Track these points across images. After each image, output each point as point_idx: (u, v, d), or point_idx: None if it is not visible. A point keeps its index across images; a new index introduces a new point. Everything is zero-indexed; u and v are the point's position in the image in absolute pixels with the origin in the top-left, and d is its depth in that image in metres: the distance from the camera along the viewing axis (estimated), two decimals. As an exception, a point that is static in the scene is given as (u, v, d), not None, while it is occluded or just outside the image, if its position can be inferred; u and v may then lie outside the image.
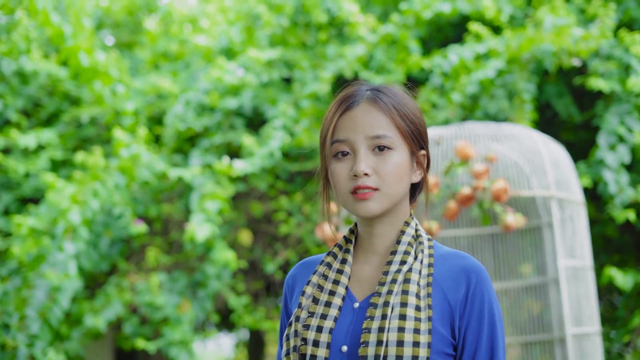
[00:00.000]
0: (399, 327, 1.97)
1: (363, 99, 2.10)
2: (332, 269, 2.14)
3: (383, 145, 2.06)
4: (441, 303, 2.04)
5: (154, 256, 7.14)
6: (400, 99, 2.12)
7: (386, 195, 2.06)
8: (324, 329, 2.03)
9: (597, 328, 5.21)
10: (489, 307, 2.05)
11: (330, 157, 2.11)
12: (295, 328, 2.07)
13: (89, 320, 6.67)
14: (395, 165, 2.06)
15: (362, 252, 2.16)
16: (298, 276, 2.23)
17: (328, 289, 2.10)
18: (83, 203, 6.53)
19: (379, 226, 2.13)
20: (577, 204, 5.21)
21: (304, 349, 2.02)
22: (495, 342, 2.05)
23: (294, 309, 2.18)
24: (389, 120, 2.08)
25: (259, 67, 7.30)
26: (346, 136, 2.07)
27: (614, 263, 6.98)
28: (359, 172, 2.03)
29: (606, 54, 6.42)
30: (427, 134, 2.17)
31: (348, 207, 2.09)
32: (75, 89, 7.81)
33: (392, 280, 2.03)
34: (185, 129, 7.32)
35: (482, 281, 2.06)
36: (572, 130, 7.11)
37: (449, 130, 5.10)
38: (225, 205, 6.70)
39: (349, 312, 2.06)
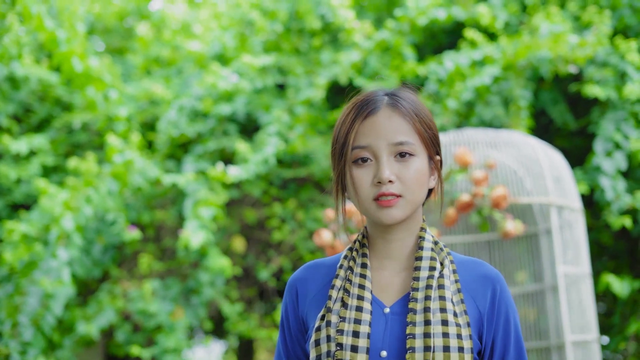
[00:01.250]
0: (443, 333, 1.98)
1: (383, 104, 2.09)
2: (354, 274, 2.12)
3: (405, 152, 2.05)
4: (472, 309, 2.07)
5: (147, 263, 7.10)
6: (417, 104, 2.12)
7: (409, 202, 2.06)
8: (360, 333, 2.00)
9: (595, 335, 5.20)
10: (513, 315, 2.12)
11: (349, 163, 2.08)
12: (328, 333, 2.03)
13: (81, 327, 6.62)
14: (417, 171, 2.06)
15: (376, 257, 2.15)
16: (307, 279, 2.20)
17: (355, 293, 2.08)
18: (76, 209, 6.49)
19: (396, 232, 2.12)
20: (576, 210, 5.20)
21: (341, 354, 1.99)
22: (522, 349, 2.12)
23: (309, 312, 2.14)
24: (411, 126, 2.07)
25: (253, 73, 7.27)
26: (368, 142, 2.06)
27: (609, 270, 6.98)
28: (384, 179, 2.03)
29: (602, 61, 6.43)
30: (439, 142, 2.18)
31: (370, 214, 2.08)
32: (67, 94, 7.77)
33: (427, 285, 2.04)
34: (179, 135, 7.28)
35: (505, 289, 2.12)
36: (567, 137, 7.12)
37: (447, 136, 5.08)
38: (219, 211, 6.66)
39: (379, 317, 2.05)
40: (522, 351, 2.12)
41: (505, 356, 2.09)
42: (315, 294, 2.16)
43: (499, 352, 2.08)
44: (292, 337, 2.18)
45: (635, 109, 6.29)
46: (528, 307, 5.39)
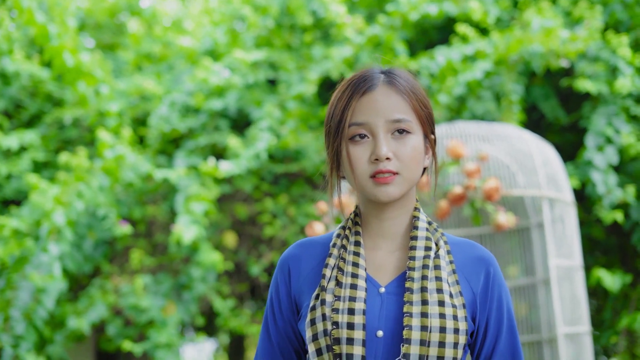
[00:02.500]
0: (440, 313, 1.97)
1: (380, 82, 2.07)
2: (347, 252, 2.09)
3: (402, 129, 2.04)
4: (466, 290, 2.07)
5: (138, 258, 7.08)
6: (413, 83, 2.11)
7: (406, 180, 2.05)
8: (356, 310, 1.98)
9: (587, 328, 5.21)
10: (506, 297, 2.12)
11: (345, 140, 2.06)
12: (323, 312, 2.00)
13: (72, 322, 6.60)
14: (414, 149, 2.05)
15: (369, 236, 2.13)
16: (300, 257, 2.16)
17: (349, 271, 2.05)
18: (67, 204, 6.47)
19: (390, 210, 2.10)
20: (568, 204, 5.21)
21: (337, 332, 1.97)
22: (515, 332, 2.13)
23: (302, 291, 2.11)
24: (408, 104, 2.06)
25: (245, 68, 7.26)
26: (365, 119, 2.04)
27: (601, 265, 7.00)
28: (381, 156, 2.01)
29: (593, 55, 6.45)
30: (434, 121, 2.17)
31: (367, 191, 2.06)
32: (58, 90, 7.75)
33: (424, 265, 2.03)
34: (170, 130, 7.27)
35: (498, 271, 2.12)
36: (559, 132, 7.13)
37: (440, 129, 5.09)
38: (211, 206, 6.65)
39: (375, 296, 2.03)
40: (515, 334, 2.12)
41: (498, 338, 2.09)
42: (308, 272, 2.13)
43: (491, 334, 2.08)
44: (283, 316, 2.14)
45: (626, 104, 6.31)
46: (520, 301, 5.40)
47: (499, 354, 2.09)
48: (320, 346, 2.00)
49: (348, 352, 1.96)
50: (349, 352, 1.96)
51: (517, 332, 2.13)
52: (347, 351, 1.96)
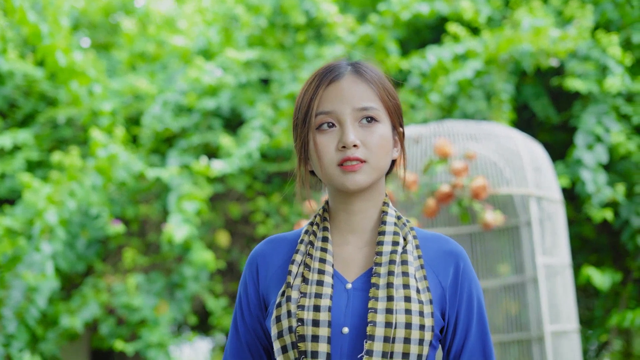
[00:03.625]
0: (406, 309, 1.95)
1: (347, 71, 2.07)
2: (314, 248, 2.07)
3: (370, 116, 2.03)
4: (434, 285, 2.04)
5: (131, 257, 7.10)
6: (381, 74, 2.11)
7: (374, 168, 2.03)
8: (321, 307, 1.97)
9: (575, 326, 5.23)
10: (477, 292, 2.09)
11: (312, 130, 2.04)
12: (288, 309, 1.99)
13: (65, 321, 6.62)
14: (381, 137, 2.03)
15: (338, 231, 2.11)
16: (268, 253, 2.15)
17: (316, 267, 2.03)
18: (60, 203, 6.49)
19: (358, 203, 2.08)
20: (556, 202, 5.23)
21: (302, 329, 1.96)
22: (485, 326, 2.10)
23: (270, 288, 2.09)
24: (375, 93, 2.05)
25: (237, 67, 7.28)
26: (332, 108, 2.03)
27: (591, 263, 7.02)
28: (348, 143, 1.99)
29: (583, 55, 6.46)
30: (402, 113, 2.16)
31: (334, 180, 2.03)
32: (52, 89, 7.77)
33: (390, 261, 2.01)
34: (163, 130, 7.29)
35: (468, 265, 2.10)
36: (550, 131, 7.15)
37: (428, 128, 5.11)
38: (203, 205, 6.67)
39: (341, 292, 2.02)
40: (486, 328, 2.09)
41: (468, 333, 2.07)
42: (276, 269, 2.11)
43: (461, 329, 2.06)
44: (252, 314, 2.12)
45: (616, 103, 6.33)
46: (510, 299, 5.41)
47: (470, 349, 2.07)
48: (286, 343, 1.98)
49: (313, 350, 1.95)
50: (314, 350, 1.95)
51: (488, 327, 2.10)
52: (312, 348, 1.95)
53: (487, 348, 2.09)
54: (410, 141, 5.02)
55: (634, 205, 6.36)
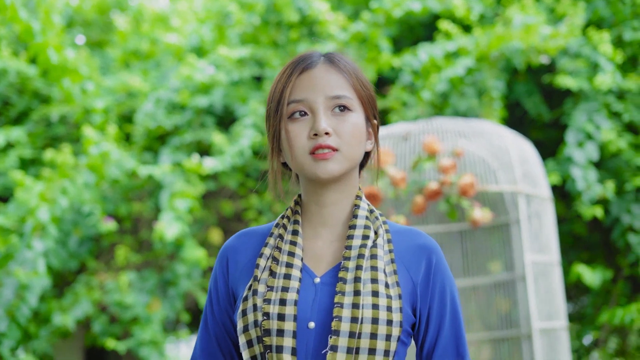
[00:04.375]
0: (373, 304, 1.92)
1: (320, 61, 2.05)
2: (284, 241, 2.04)
3: (343, 105, 2.00)
4: (405, 280, 2.01)
5: (124, 255, 7.10)
6: (355, 65, 2.08)
7: (346, 157, 2.00)
8: (287, 301, 1.94)
9: (564, 323, 5.23)
10: (450, 288, 2.05)
11: (284, 119, 2.02)
12: (254, 302, 1.96)
13: (57, 318, 6.62)
14: (354, 125, 2.01)
15: (310, 225, 2.08)
16: (238, 247, 2.11)
17: (284, 261, 2.00)
18: (52, 201, 6.49)
19: (330, 194, 2.05)
20: (545, 199, 5.23)
21: (268, 323, 1.93)
22: (459, 323, 2.06)
23: (239, 282, 2.06)
24: (348, 83, 2.03)
25: (230, 65, 7.28)
26: (304, 96, 2.00)
27: (583, 260, 7.02)
28: (320, 131, 1.96)
29: (575, 52, 6.46)
30: (377, 104, 2.13)
31: (305, 169, 2.00)
32: (45, 87, 7.76)
33: (359, 255, 1.97)
34: (156, 127, 7.29)
35: (442, 261, 2.06)
36: (542, 129, 7.15)
37: (417, 125, 5.11)
38: (195, 203, 6.67)
39: (309, 287, 1.99)
40: (459, 324, 2.05)
41: (440, 329, 2.03)
42: (245, 263, 2.08)
43: (434, 325, 2.03)
44: (221, 308, 2.09)
45: (607, 100, 6.33)
46: (501, 296, 5.41)
47: (442, 345, 2.03)
48: (251, 337, 1.95)
49: (278, 344, 1.92)
50: (279, 344, 1.92)
51: (462, 323, 2.07)
52: (277, 343, 1.92)
53: (461, 344, 2.05)
54: (399, 138, 5.02)
55: (625, 202, 6.36)
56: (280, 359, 1.92)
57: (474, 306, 5.60)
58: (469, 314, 5.59)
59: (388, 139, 5.08)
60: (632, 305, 6.14)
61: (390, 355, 1.92)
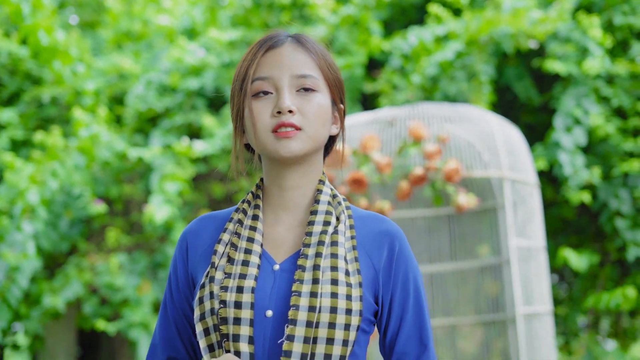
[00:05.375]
0: (332, 293, 1.87)
1: (287, 40, 2.01)
2: (243, 226, 1.99)
3: (308, 86, 1.96)
4: (367, 267, 1.96)
5: (115, 237, 7.11)
6: (323, 47, 2.05)
7: (309, 137, 1.95)
8: (245, 288, 1.89)
9: (548, 308, 5.25)
10: (414, 275, 2.01)
11: (248, 96, 1.97)
12: (211, 290, 1.92)
13: (48, 300, 6.64)
14: (319, 106, 1.96)
15: (271, 210, 2.03)
16: (199, 231, 2.06)
17: (243, 247, 1.96)
18: (41, 183, 6.50)
19: (292, 177, 2.00)
20: (530, 185, 5.24)
21: (224, 311, 1.88)
22: (422, 310, 2.02)
23: (198, 268, 2.02)
24: (315, 63, 1.99)
25: (220, 48, 7.27)
26: (269, 74, 1.96)
27: (572, 244, 7.04)
28: (284, 109, 1.92)
29: (564, 36, 6.44)
30: (344, 89, 2.09)
31: (267, 147, 1.95)
32: (36, 68, 7.75)
33: (319, 242, 1.93)
34: (146, 110, 7.28)
35: (406, 247, 2.01)
36: (532, 113, 7.15)
37: (402, 110, 5.11)
38: (185, 186, 6.67)
39: (268, 274, 1.94)
40: (423, 311, 2.01)
41: (403, 317, 1.99)
42: (205, 248, 2.03)
43: (396, 313, 1.99)
44: (180, 293, 2.05)
45: (597, 84, 6.32)
46: (489, 280, 5.43)
47: (405, 333, 1.99)
48: (208, 326, 1.92)
49: (235, 333, 1.88)
50: (236, 333, 1.88)
51: (426, 310, 2.02)
52: (234, 331, 1.88)
53: (424, 332, 2.01)
54: (385, 124, 5.03)
55: (612, 187, 6.37)
56: (237, 347, 1.88)
57: (462, 290, 5.63)
58: (457, 297, 5.62)
59: (374, 124, 5.08)
60: (617, 290, 6.17)
61: (349, 344, 1.88)
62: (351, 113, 6.77)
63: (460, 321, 5.40)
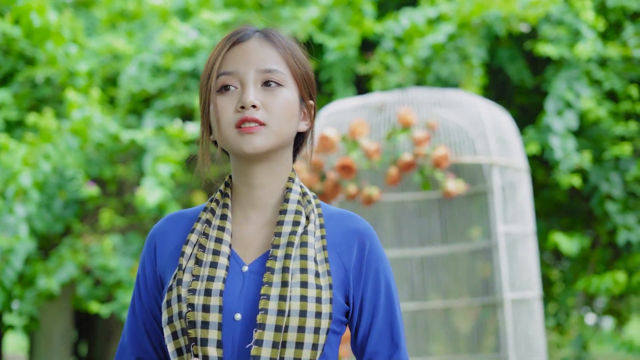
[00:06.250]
0: (301, 296, 1.84)
1: (254, 35, 1.98)
2: (212, 226, 1.97)
3: (274, 80, 1.93)
4: (337, 268, 1.94)
5: (108, 218, 7.12)
6: (292, 42, 2.01)
7: (274, 133, 1.92)
8: (212, 291, 1.87)
9: (537, 293, 5.27)
10: (385, 274, 1.99)
11: (213, 91, 1.94)
12: (179, 292, 1.89)
13: (42, 282, 6.66)
14: (285, 101, 1.93)
15: (240, 208, 2.00)
16: (168, 231, 2.03)
17: (211, 248, 1.93)
18: (34, 165, 6.49)
19: (259, 175, 1.98)
20: (520, 170, 5.24)
21: (192, 315, 1.86)
22: (394, 309, 2.00)
23: (167, 268, 1.99)
24: (282, 58, 1.95)
25: (213, 29, 7.24)
26: (235, 68, 1.93)
27: (564, 226, 7.05)
28: (247, 103, 1.89)
29: (556, 19, 6.42)
30: (314, 85, 2.06)
31: (231, 143, 1.92)
32: (30, 48, 7.73)
33: (288, 242, 1.90)
34: (140, 91, 7.27)
35: (377, 246, 1.99)
36: (525, 94, 7.13)
37: (392, 96, 5.10)
38: (178, 169, 6.67)
39: (237, 275, 1.92)
40: (394, 311, 1.99)
41: (374, 316, 1.97)
42: (173, 248, 2.00)
43: (367, 312, 1.97)
44: (149, 294, 2.02)
45: (589, 67, 6.30)
46: (481, 263, 5.44)
47: (377, 333, 1.98)
48: (176, 329, 1.90)
49: (203, 337, 1.85)
50: (204, 337, 1.85)
51: (398, 309, 2.00)
52: (202, 335, 1.85)
53: (396, 332, 1.99)
54: (374, 109, 5.02)
55: (603, 170, 6.37)
56: (205, 352, 1.86)
57: (454, 273, 5.64)
58: (448, 280, 5.64)
59: (363, 110, 5.08)
60: (607, 274, 6.18)
61: (318, 348, 1.86)
62: (344, 94, 6.77)
63: (452, 304, 5.42)
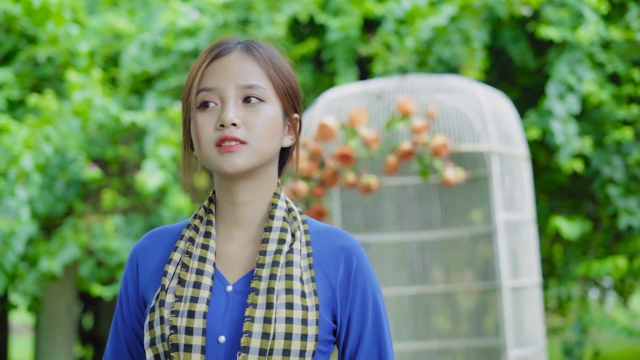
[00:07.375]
0: (287, 318, 1.80)
1: (236, 48, 1.93)
2: (195, 244, 1.92)
3: (255, 96, 1.88)
4: (324, 287, 1.90)
5: (110, 198, 7.10)
6: (275, 54, 1.96)
7: (255, 151, 1.87)
8: (196, 313, 1.82)
9: (536, 280, 5.27)
10: (372, 291, 1.95)
11: (194, 108, 1.90)
12: (161, 314, 1.85)
13: (44, 263, 6.67)
14: (267, 117, 1.89)
15: (224, 225, 1.96)
16: (150, 248, 1.99)
17: (194, 267, 1.88)
18: (35, 147, 6.49)
19: (243, 193, 1.93)
20: (520, 157, 5.22)
21: (175, 338, 1.81)
22: (382, 327, 1.96)
23: (149, 287, 1.95)
24: (263, 72, 1.91)
25: (214, 9, 7.19)
26: (214, 84, 1.89)
27: (567, 209, 7.03)
28: (227, 122, 1.84)
29: (559, 1, 6.35)
30: (300, 98, 2.01)
31: (211, 162, 1.89)
32: (32, 27, 7.69)
33: (274, 262, 1.86)
34: (141, 72, 7.24)
35: (364, 263, 1.95)
36: (528, 75, 7.08)
37: (390, 83, 5.07)
38: (179, 150, 6.65)
39: (221, 296, 1.87)
40: (382, 330, 1.96)
41: (362, 335, 1.93)
42: (156, 266, 1.96)
43: (354, 330, 1.93)
44: (131, 312, 1.98)
45: (592, 50, 6.24)
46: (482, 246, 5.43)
47: (364, 352, 1.94)
48: (158, 352, 1.85)
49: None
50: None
51: (386, 328, 1.97)
52: (185, 359, 1.81)
53: (384, 351, 1.95)
54: (373, 97, 5.00)
55: (605, 154, 6.34)
56: None
57: (456, 257, 5.64)
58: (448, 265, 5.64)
59: (362, 97, 5.05)
60: (608, 259, 6.16)
61: None
62: (346, 74, 6.73)
63: (453, 288, 5.43)
